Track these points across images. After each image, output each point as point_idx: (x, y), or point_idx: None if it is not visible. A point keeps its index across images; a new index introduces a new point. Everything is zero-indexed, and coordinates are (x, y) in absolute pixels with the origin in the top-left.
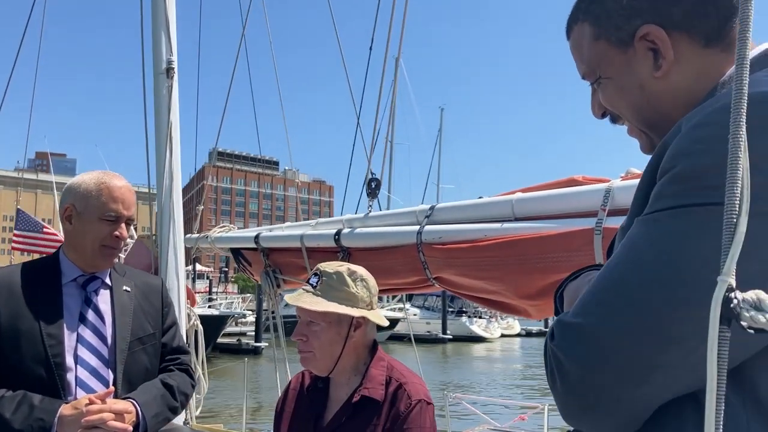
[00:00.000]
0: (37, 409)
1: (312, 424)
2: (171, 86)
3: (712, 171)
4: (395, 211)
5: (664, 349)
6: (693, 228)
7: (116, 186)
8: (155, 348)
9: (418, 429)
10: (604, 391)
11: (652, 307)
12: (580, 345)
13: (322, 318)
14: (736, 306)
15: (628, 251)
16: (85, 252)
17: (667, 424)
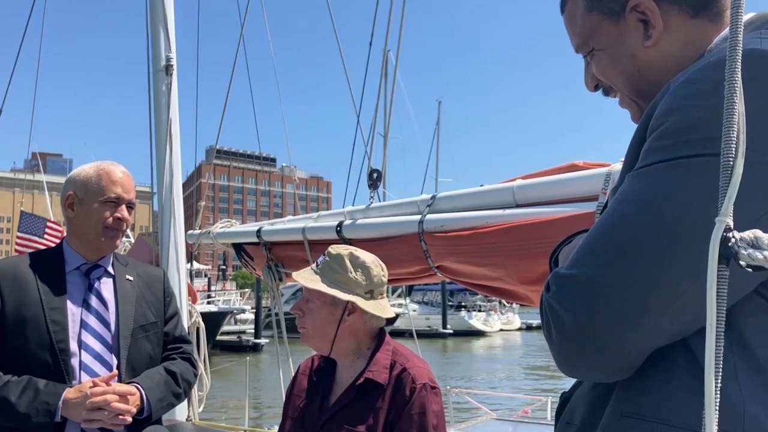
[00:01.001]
0: (42, 393)
1: (318, 405)
2: (170, 83)
3: (699, 124)
4: (397, 201)
5: (655, 293)
6: (682, 178)
7: (115, 171)
8: (158, 336)
9: (425, 413)
10: (599, 338)
11: (644, 253)
12: (574, 294)
13: (317, 297)
14: (734, 245)
15: (619, 204)
16: (89, 236)
17: (658, 369)
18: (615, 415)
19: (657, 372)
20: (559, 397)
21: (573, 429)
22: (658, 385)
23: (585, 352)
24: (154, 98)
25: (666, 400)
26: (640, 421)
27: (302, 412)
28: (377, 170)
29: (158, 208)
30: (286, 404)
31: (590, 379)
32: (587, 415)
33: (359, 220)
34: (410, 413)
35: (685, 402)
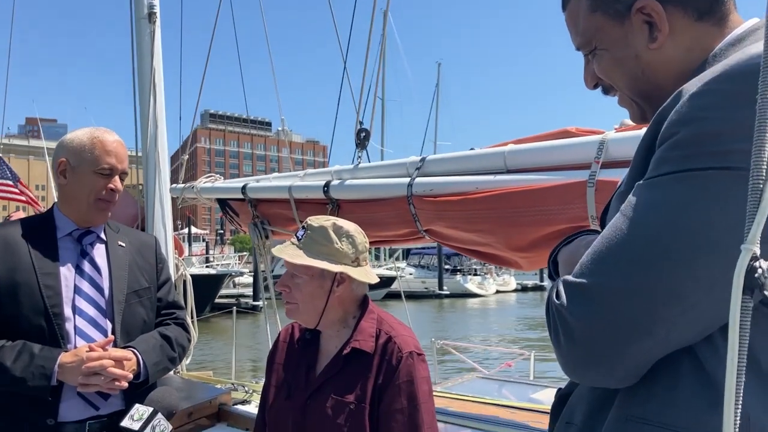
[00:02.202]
0: (37, 357)
1: (304, 375)
2: (153, 31)
3: (714, 137)
4: (385, 162)
5: (666, 305)
6: (695, 190)
7: (109, 140)
8: (151, 302)
9: (412, 381)
10: (608, 347)
11: (656, 264)
12: (584, 303)
13: (304, 271)
14: (761, 276)
15: (631, 213)
16: (80, 206)
17: (664, 374)
18: (620, 418)
19: (663, 377)
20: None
21: (574, 429)
22: (664, 390)
23: (594, 360)
24: (137, 47)
25: (671, 406)
26: (645, 425)
27: (288, 384)
28: (365, 129)
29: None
30: (268, 371)
31: (598, 385)
32: (589, 415)
33: (347, 180)
34: (397, 382)
35: (691, 408)
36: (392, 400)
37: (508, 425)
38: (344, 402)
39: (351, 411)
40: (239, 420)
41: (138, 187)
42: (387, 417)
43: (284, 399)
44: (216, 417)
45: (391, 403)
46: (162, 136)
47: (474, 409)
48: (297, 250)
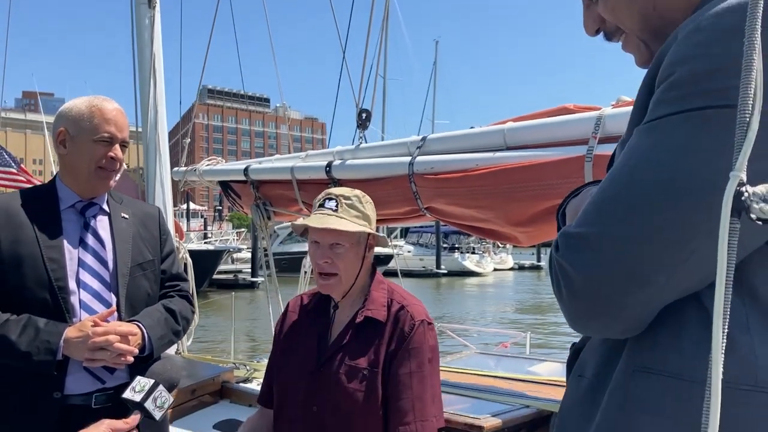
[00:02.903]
0: (42, 332)
1: (315, 344)
2: (153, 16)
3: (711, 74)
4: (387, 142)
5: (668, 251)
6: (693, 131)
7: (108, 108)
8: (155, 274)
9: (422, 348)
10: (610, 296)
11: (656, 210)
12: (584, 253)
13: (347, 239)
14: (747, 198)
15: (629, 159)
16: (82, 175)
17: (669, 323)
18: (627, 369)
19: (667, 326)
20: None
21: (585, 382)
22: (669, 339)
23: (596, 310)
24: (137, 32)
25: (676, 354)
26: (651, 374)
27: (299, 352)
28: (366, 110)
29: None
30: (276, 341)
31: (603, 336)
32: (599, 368)
33: (349, 160)
34: (408, 348)
35: (696, 356)
36: (401, 364)
37: (506, 394)
38: (357, 368)
39: (364, 376)
40: (242, 396)
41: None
42: (395, 380)
43: (294, 367)
44: (219, 394)
45: (400, 367)
46: (162, 121)
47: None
48: (339, 219)
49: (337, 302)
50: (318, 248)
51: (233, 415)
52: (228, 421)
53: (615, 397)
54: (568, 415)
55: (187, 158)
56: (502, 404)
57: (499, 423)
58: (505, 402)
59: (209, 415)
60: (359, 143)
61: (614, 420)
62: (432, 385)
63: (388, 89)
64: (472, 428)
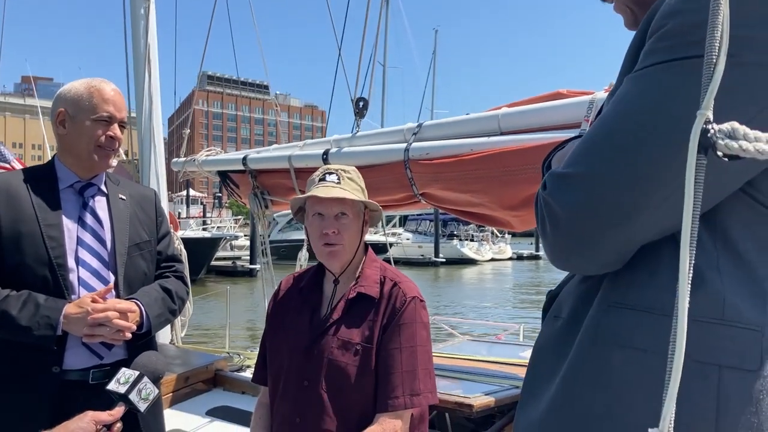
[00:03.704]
0: (42, 307)
1: (308, 319)
2: (148, 7)
3: (698, 26)
4: (383, 129)
5: (651, 190)
6: (681, 78)
7: (106, 89)
8: (152, 255)
9: (413, 323)
10: (591, 232)
11: (641, 151)
12: (569, 191)
13: (350, 208)
14: (713, 135)
15: (617, 105)
16: (81, 155)
17: (645, 261)
18: (602, 305)
19: (644, 264)
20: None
21: (560, 322)
22: (644, 276)
23: (578, 245)
24: (132, 23)
25: (650, 290)
26: (625, 309)
27: (291, 329)
28: (363, 98)
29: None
30: (268, 319)
31: (582, 272)
32: (575, 307)
33: (345, 148)
34: (399, 323)
35: (668, 291)
36: (391, 338)
37: (497, 376)
38: (350, 342)
39: (357, 351)
40: (235, 384)
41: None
42: (385, 354)
43: (287, 343)
44: (212, 382)
45: (390, 342)
46: (157, 111)
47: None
48: (343, 190)
49: (337, 276)
50: (323, 219)
51: (226, 402)
52: (221, 407)
53: (589, 332)
54: (541, 353)
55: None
56: (492, 385)
57: (491, 401)
58: (495, 383)
59: (202, 401)
60: (356, 131)
61: (587, 353)
62: (424, 360)
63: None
64: (462, 407)
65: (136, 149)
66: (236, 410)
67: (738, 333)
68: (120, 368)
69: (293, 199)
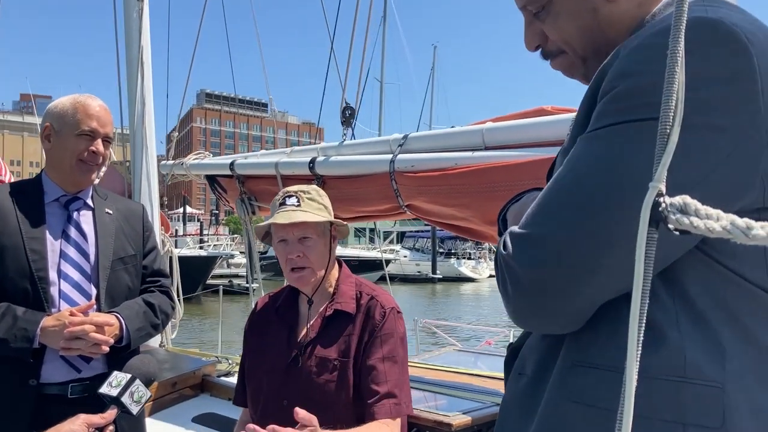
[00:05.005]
0: (20, 320)
1: (285, 339)
2: (141, 9)
3: (651, 89)
4: (369, 139)
5: (607, 252)
6: (633, 141)
7: (91, 104)
8: (137, 269)
9: (393, 334)
10: (552, 293)
11: (596, 213)
12: (529, 252)
13: (314, 230)
14: (664, 209)
15: (572, 165)
16: (64, 169)
17: (606, 320)
18: (566, 363)
19: (605, 323)
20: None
21: (525, 379)
22: (605, 334)
23: (540, 306)
24: (125, 25)
25: (613, 348)
26: (590, 369)
27: (269, 348)
28: (350, 107)
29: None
30: (245, 340)
31: (544, 332)
32: (539, 364)
33: (332, 157)
34: (381, 334)
35: None
36: (374, 350)
37: (479, 392)
38: (328, 359)
39: (335, 366)
40: (222, 390)
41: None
42: (369, 365)
43: (265, 364)
44: (200, 387)
45: (374, 353)
46: (149, 114)
47: (448, 378)
48: (304, 213)
49: (310, 297)
50: (287, 244)
51: (212, 409)
52: (207, 414)
53: (555, 390)
54: (508, 411)
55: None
56: (473, 402)
57: (469, 420)
58: (477, 400)
59: (189, 408)
60: (343, 140)
61: (554, 412)
62: (403, 371)
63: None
64: (441, 425)
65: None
66: (222, 417)
67: (700, 390)
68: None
69: (256, 227)
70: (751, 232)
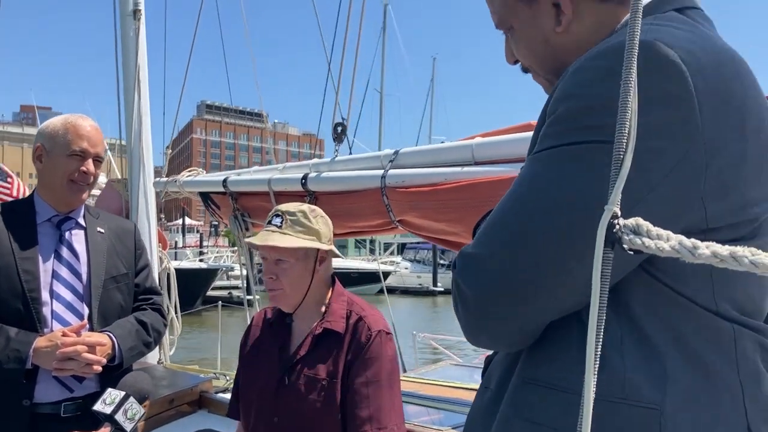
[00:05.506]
0: (13, 341)
1: (276, 356)
2: (138, 28)
3: (587, 112)
4: (361, 155)
5: (545, 273)
6: (570, 164)
7: (82, 125)
8: (129, 287)
9: (379, 357)
10: (496, 312)
11: (534, 235)
12: (474, 272)
13: (290, 255)
14: (618, 230)
15: (516, 187)
16: (55, 189)
17: (555, 339)
18: (519, 381)
19: (554, 341)
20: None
21: (489, 393)
22: (554, 353)
23: (484, 325)
24: (122, 44)
25: (559, 368)
26: (538, 386)
27: (261, 365)
28: (342, 123)
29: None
30: (241, 355)
31: (492, 349)
32: (500, 380)
33: (324, 173)
34: (365, 357)
35: (574, 370)
36: (358, 373)
37: None
38: (317, 379)
39: (323, 387)
40: (220, 407)
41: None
42: (352, 389)
43: (257, 380)
44: (197, 404)
45: (357, 377)
46: (146, 131)
47: (443, 393)
48: (282, 236)
49: (290, 315)
50: (266, 263)
51: (210, 425)
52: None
53: (507, 407)
54: (473, 424)
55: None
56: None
57: None
58: None
59: (186, 424)
60: (335, 156)
61: (504, 428)
62: (391, 394)
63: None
64: None
65: None
66: None
67: (638, 412)
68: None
69: (246, 242)
70: (697, 251)
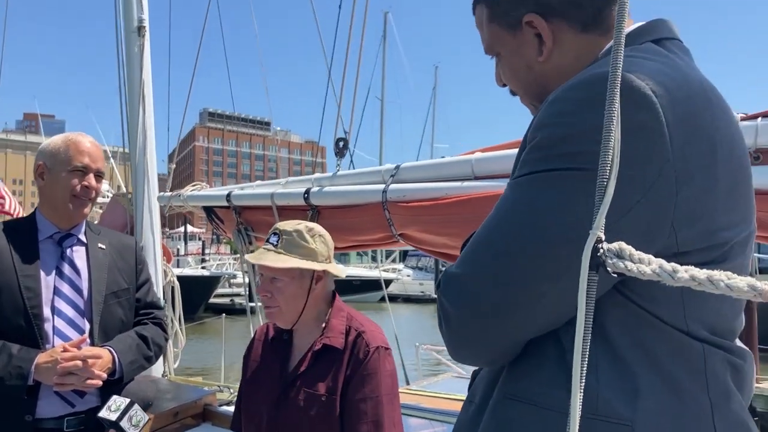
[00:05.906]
0: (15, 358)
1: (278, 371)
2: (143, 45)
3: (563, 140)
4: (362, 170)
5: (521, 293)
6: (547, 190)
7: (82, 141)
8: (130, 302)
9: (377, 373)
10: (474, 331)
11: (511, 257)
12: (457, 291)
13: (284, 274)
14: (603, 254)
15: (496, 211)
16: (58, 205)
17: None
18: (499, 396)
19: (532, 358)
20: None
21: (473, 407)
22: (532, 370)
23: (464, 342)
24: (126, 59)
25: (536, 385)
26: (516, 402)
27: (262, 380)
28: (344, 138)
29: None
30: (244, 368)
31: (474, 365)
32: (483, 395)
33: (326, 187)
34: (363, 373)
35: (551, 386)
36: (356, 389)
37: None
38: (316, 395)
39: (322, 403)
40: (224, 420)
41: (127, 195)
42: (351, 405)
43: (258, 394)
44: (201, 417)
45: (356, 393)
46: (150, 146)
47: (445, 406)
48: (277, 254)
49: (287, 332)
50: (261, 280)
51: None
52: None
53: (488, 421)
54: None
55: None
56: None
57: None
58: None
59: None
60: (337, 170)
61: None
62: (390, 410)
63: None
64: None
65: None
66: None
67: (610, 428)
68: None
69: (246, 257)
70: (677, 275)
